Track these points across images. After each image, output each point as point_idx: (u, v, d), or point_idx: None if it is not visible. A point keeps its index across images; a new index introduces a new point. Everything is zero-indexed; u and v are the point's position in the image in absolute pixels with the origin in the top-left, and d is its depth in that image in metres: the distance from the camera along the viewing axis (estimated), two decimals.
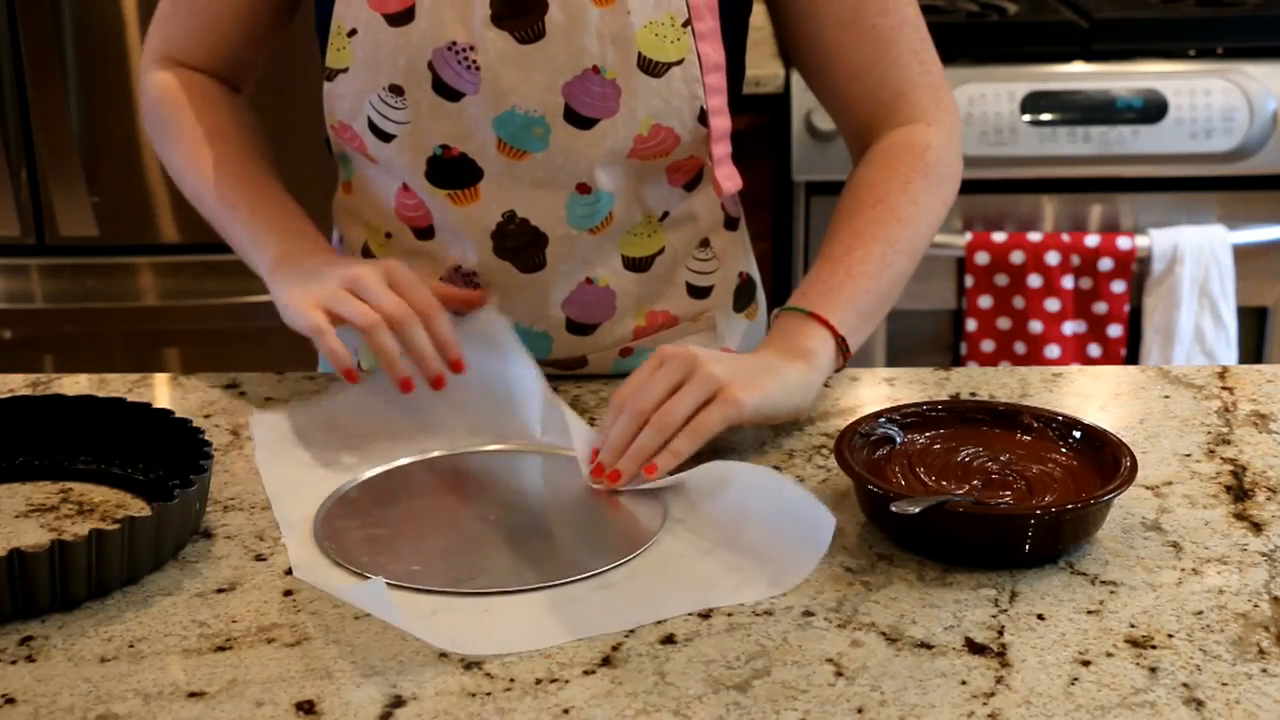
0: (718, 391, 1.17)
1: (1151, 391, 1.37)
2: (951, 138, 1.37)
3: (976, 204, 2.57)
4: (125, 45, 2.54)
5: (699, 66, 1.27)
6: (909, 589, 1.04)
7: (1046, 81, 2.53)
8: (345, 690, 0.92)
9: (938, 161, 1.35)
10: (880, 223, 1.31)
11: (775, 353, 1.24)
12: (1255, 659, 0.95)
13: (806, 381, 1.23)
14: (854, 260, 1.29)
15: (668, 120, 1.28)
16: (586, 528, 1.14)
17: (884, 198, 1.32)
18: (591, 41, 1.25)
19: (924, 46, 1.36)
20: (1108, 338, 2.56)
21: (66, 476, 1.20)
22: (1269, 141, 2.51)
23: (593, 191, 1.31)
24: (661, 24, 1.26)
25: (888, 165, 1.34)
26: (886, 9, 1.33)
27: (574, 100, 1.27)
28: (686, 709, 0.91)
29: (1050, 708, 0.90)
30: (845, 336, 1.26)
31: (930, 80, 1.36)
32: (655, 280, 1.39)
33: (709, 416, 1.17)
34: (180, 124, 1.40)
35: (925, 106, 1.36)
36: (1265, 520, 1.13)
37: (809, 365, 1.23)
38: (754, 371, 1.21)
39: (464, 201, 1.32)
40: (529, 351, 1.29)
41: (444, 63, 1.26)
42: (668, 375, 1.19)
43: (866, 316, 1.29)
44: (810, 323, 1.25)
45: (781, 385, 1.21)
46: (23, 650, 0.97)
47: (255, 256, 1.33)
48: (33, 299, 2.66)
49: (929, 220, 1.34)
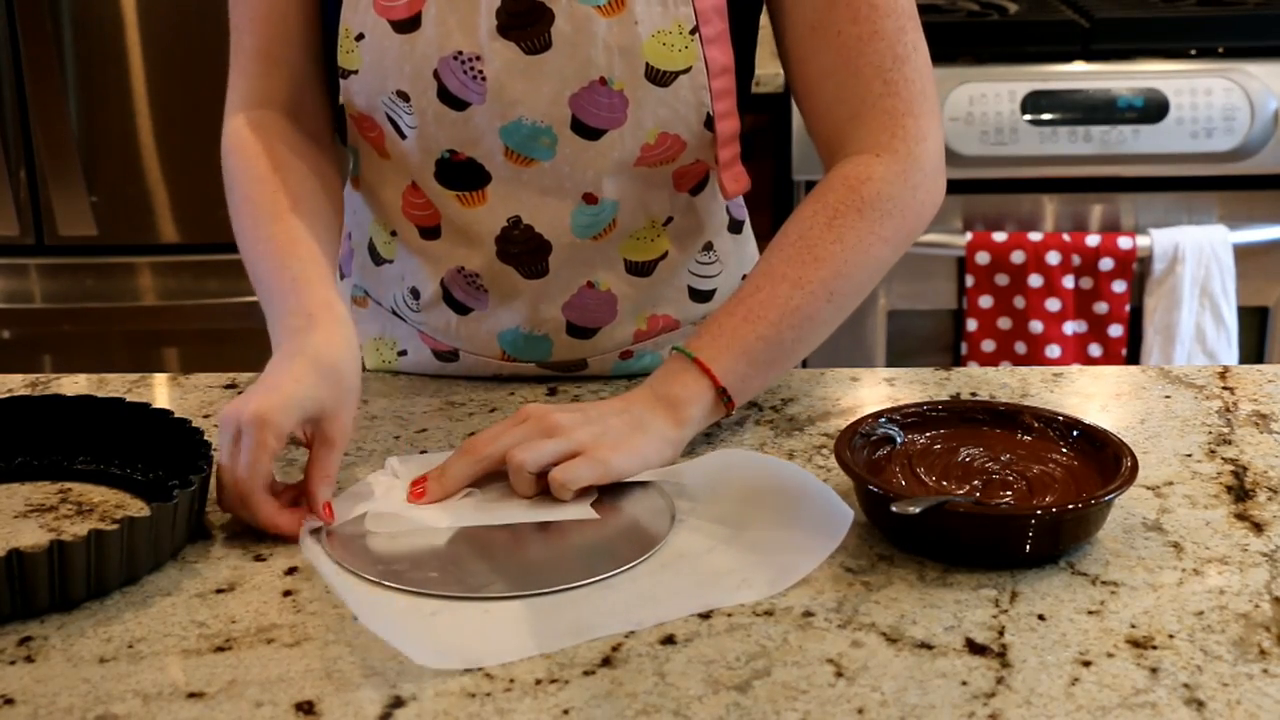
0: (581, 450, 1.14)
1: (1152, 391, 1.37)
2: (905, 170, 1.26)
3: (977, 204, 2.57)
4: (124, 45, 2.54)
5: (706, 73, 1.25)
6: (909, 589, 1.04)
7: (1047, 81, 2.53)
8: (345, 690, 0.92)
9: (877, 195, 1.25)
10: (794, 262, 1.23)
11: (645, 403, 1.19)
12: (1256, 659, 0.95)
13: (671, 437, 1.18)
14: (756, 303, 1.22)
15: (674, 128, 1.27)
16: (592, 531, 1.13)
17: (805, 234, 1.24)
18: (598, 53, 1.24)
19: (897, 66, 1.26)
20: (1108, 338, 2.56)
21: (65, 477, 1.20)
22: (1270, 141, 2.51)
23: (599, 202, 1.31)
24: (669, 32, 1.24)
25: (818, 198, 1.26)
26: (857, 17, 1.25)
27: (581, 111, 1.26)
28: (686, 709, 0.90)
29: (1051, 708, 0.90)
30: (728, 387, 1.19)
31: (893, 105, 1.26)
32: (657, 284, 1.39)
33: (576, 468, 1.13)
34: (241, 177, 1.31)
35: (877, 135, 1.27)
36: (1266, 520, 1.13)
37: (676, 419, 1.18)
38: (620, 431, 1.16)
39: (472, 204, 1.32)
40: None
41: (450, 72, 1.25)
42: (524, 433, 1.15)
43: (760, 364, 1.22)
44: (691, 369, 1.19)
45: (647, 442, 1.16)
46: (22, 651, 0.97)
47: (273, 319, 1.22)
48: (32, 299, 2.66)
49: (859, 260, 1.24)
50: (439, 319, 1.40)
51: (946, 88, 2.50)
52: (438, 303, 1.39)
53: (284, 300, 1.20)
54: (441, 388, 1.39)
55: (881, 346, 2.61)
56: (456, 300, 1.38)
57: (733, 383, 1.20)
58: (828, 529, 1.08)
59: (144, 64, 2.54)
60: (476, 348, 1.40)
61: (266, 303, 1.23)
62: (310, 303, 1.18)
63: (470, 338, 1.39)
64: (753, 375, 1.22)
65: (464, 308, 1.38)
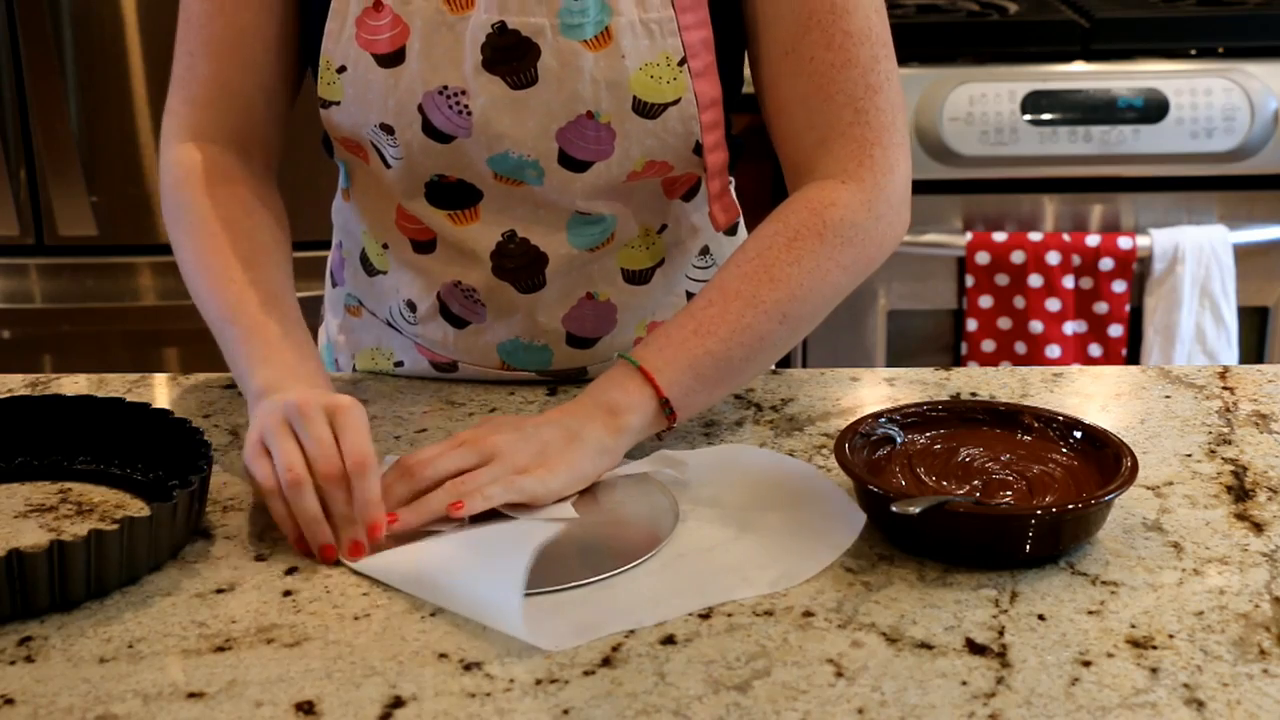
0: (524, 469, 1.12)
1: (1152, 391, 1.37)
2: (870, 199, 1.25)
3: (977, 204, 2.57)
4: (125, 45, 2.54)
5: (696, 104, 1.24)
6: (909, 589, 1.04)
7: (1047, 81, 2.53)
8: (345, 690, 0.92)
9: (839, 221, 1.23)
10: (750, 280, 1.21)
11: (583, 411, 1.17)
12: (1256, 659, 0.95)
13: (608, 446, 1.16)
14: (707, 318, 1.20)
15: (662, 156, 1.27)
16: (596, 529, 1.13)
17: (763, 253, 1.22)
18: (585, 87, 1.22)
19: (869, 95, 1.25)
20: (1108, 338, 2.56)
21: (65, 477, 1.20)
22: (1270, 141, 2.51)
23: (591, 215, 1.30)
24: (656, 65, 1.23)
25: (779, 219, 1.24)
26: (831, 44, 1.23)
27: (568, 145, 1.25)
28: (686, 709, 0.90)
29: (1051, 708, 0.90)
30: (672, 399, 1.18)
31: (863, 134, 1.25)
32: (656, 291, 1.39)
33: (521, 480, 1.11)
34: (194, 218, 1.28)
35: (845, 162, 1.25)
36: (1266, 520, 1.13)
37: (613, 426, 1.16)
38: (557, 445, 1.14)
39: (464, 221, 1.31)
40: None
41: (434, 107, 1.24)
42: (461, 457, 1.12)
43: (707, 380, 1.19)
44: (635, 377, 1.18)
45: (583, 454, 1.14)
46: (21, 651, 0.97)
47: (243, 383, 1.20)
48: (32, 299, 2.66)
49: (815, 284, 1.22)
50: (436, 332, 1.39)
51: (946, 88, 2.50)
52: (434, 316, 1.38)
53: (257, 364, 1.19)
54: (441, 388, 1.39)
55: (881, 346, 2.61)
56: (454, 314, 1.37)
57: (677, 395, 1.18)
58: (838, 532, 1.08)
59: (144, 64, 2.54)
60: (475, 359, 1.39)
61: (242, 342, 1.21)
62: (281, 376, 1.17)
63: (468, 350, 1.39)
64: (698, 390, 1.20)
65: (461, 321, 1.38)
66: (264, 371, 1.17)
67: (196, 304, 1.26)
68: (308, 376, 1.17)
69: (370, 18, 1.23)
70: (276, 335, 1.20)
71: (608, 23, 1.21)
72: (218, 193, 1.29)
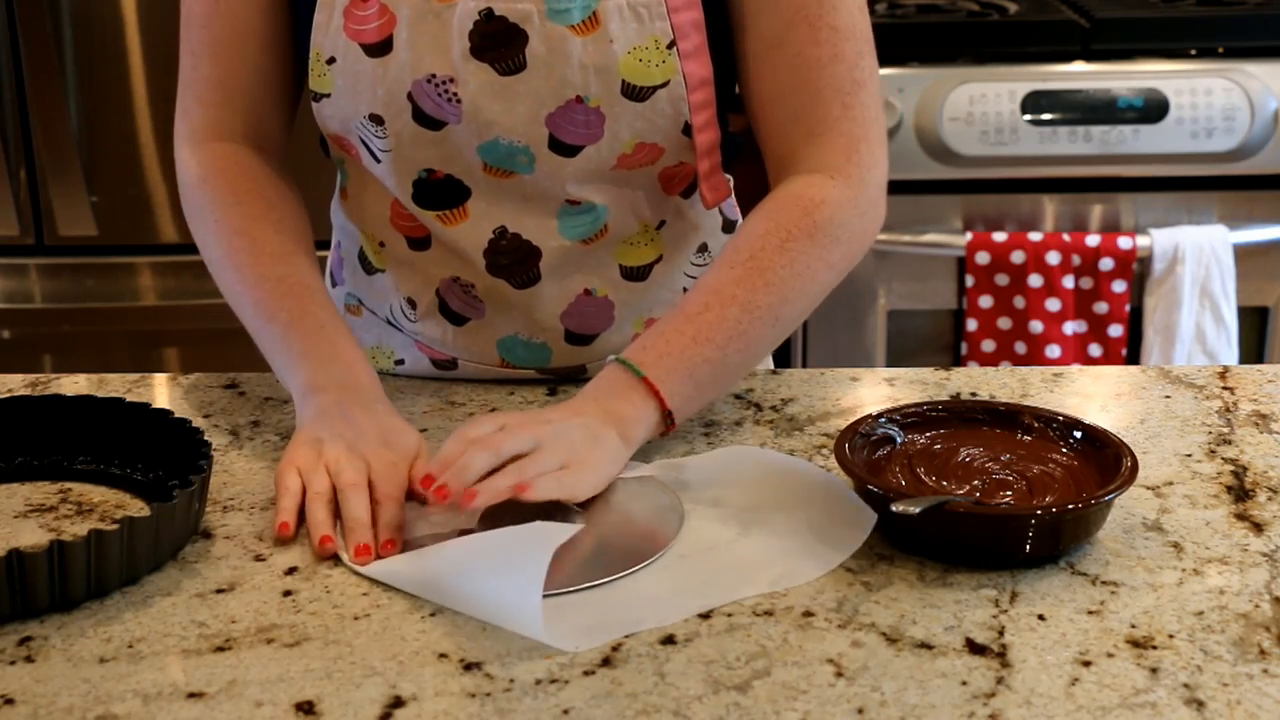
0: (565, 465, 1.12)
1: (1152, 391, 1.37)
2: (856, 196, 1.26)
3: (977, 204, 2.57)
4: (125, 45, 2.54)
5: (685, 86, 1.24)
6: (909, 589, 1.04)
7: (1047, 81, 2.53)
8: (345, 690, 0.92)
9: (829, 221, 1.24)
10: (744, 284, 1.21)
11: (598, 417, 1.17)
12: (1256, 659, 0.95)
13: (621, 455, 1.17)
14: (705, 324, 1.20)
15: (652, 138, 1.27)
16: (601, 531, 1.13)
17: (757, 255, 1.22)
18: (574, 72, 1.22)
19: (855, 91, 1.26)
20: (1108, 338, 2.56)
21: (65, 477, 1.20)
22: (1270, 141, 2.51)
23: (582, 204, 1.30)
24: (645, 48, 1.23)
25: (771, 217, 1.25)
26: (818, 39, 1.24)
27: (558, 130, 1.25)
28: (686, 709, 0.90)
29: (1051, 708, 0.90)
30: (674, 410, 1.19)
31: (850, 129, 1.26)
32: (654, 288, 1.39)
33: (564, 476, 1.11)
34: (218, 215, 1.30)
35: (832, 157, 1.26)
36: (1266, 520, 1.13)
37: (623, 437, 1.17)
38: (585, 446, 1.14)
39: (453, 222, 1.31)
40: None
41: (424, 94, 1.24)
42: (519, 440, 1.12)
43: (703, 387, 1.21)
44: (640, 388, 1.18)
45: (605, 458, 1.15)
46: (21, 651, 0.97)
47: (287, 378, 1.24)
48: (32, 299, 2.66)
49: (805, 286, 1.24)
50: (435, 330, 1.39)
51: (946, 88, 2.50)
52: (434, 313, 1.38)
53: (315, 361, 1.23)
54: (442, 388, 1.39)
55: (881, 346, 2.61)
56: (453, 311, 1.38)
57: (678, 405, 1.20)
58: (847, 533, 1.08)
59: (144, 64, 2.54)
60: (475, 356, 1.39)
61: (282, 339, 1.24)
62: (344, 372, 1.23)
63: (468, 347, 1.39)
64: (695, 397, 1.22)
65: (460, 318, 1.38)
66: (307, 367, 1.22)
67: (228, 300, 1.29)
68: (349, 367, 1.22)
69: (357, 8, 1.24)
70: (315, 329, 1.24)
71: (595, 7, 1.21)
72: (239, 189, 1.31)
